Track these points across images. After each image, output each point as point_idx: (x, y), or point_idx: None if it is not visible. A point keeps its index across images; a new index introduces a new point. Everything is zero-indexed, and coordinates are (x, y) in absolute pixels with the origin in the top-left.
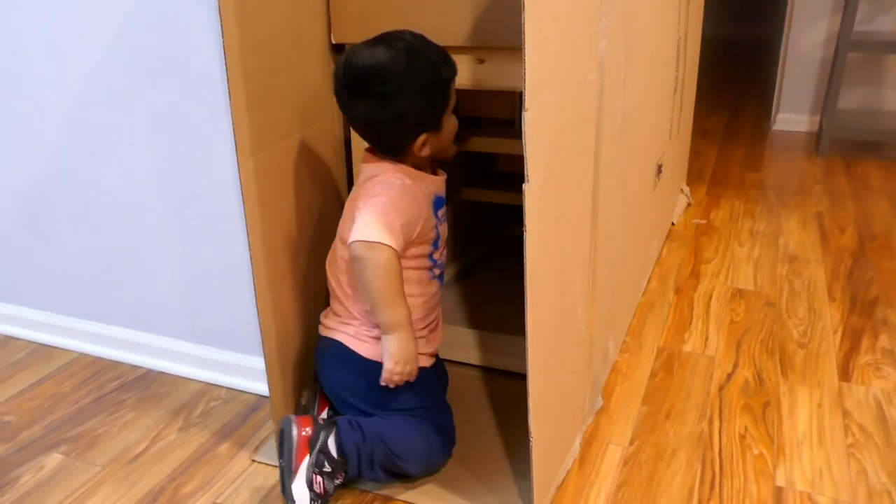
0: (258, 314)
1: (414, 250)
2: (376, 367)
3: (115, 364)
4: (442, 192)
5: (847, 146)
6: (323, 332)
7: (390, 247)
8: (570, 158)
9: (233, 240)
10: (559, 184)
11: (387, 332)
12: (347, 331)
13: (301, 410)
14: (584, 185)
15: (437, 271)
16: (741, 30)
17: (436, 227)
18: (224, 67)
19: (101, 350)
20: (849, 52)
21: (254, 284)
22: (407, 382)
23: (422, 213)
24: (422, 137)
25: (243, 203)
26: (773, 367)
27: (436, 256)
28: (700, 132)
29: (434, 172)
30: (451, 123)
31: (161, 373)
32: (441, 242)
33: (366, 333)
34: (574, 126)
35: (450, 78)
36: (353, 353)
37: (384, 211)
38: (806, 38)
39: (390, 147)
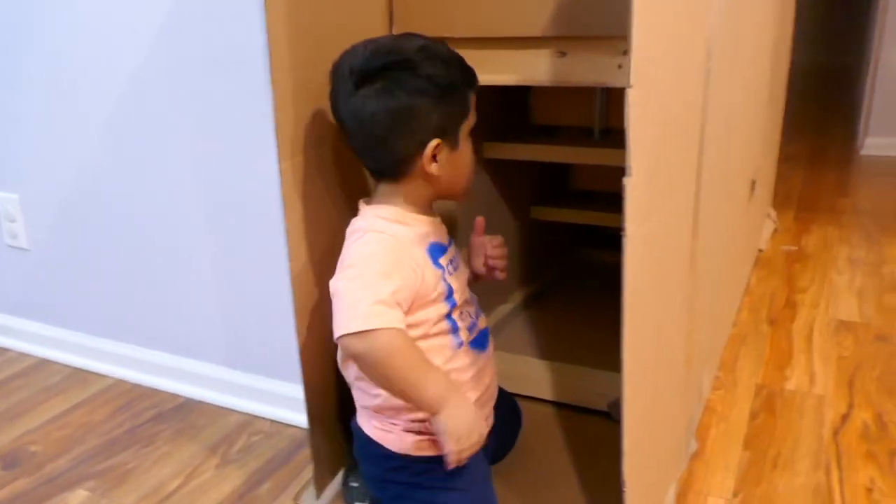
0: (297, 337)
1: (419, 315)
2: (407, 461)
3: (153, 392)
4: (442, 237)
5: None
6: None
7: (386, 328)
8: (675, 152)
9: (281, 256)
10: (663, 180)
11: (431, 412)
12: (368, 417)
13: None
14: (686, 186)
15: (465, 335)
16: (820, 58)
17: (443, 278)
18: (265, 56)
19: (138, 376)
20: None
21: (293, 305)
22: (431, 485)
23: (418, 266)
24: (433, 143)
25: (283, 212)
26: (895, 409)
27: (455, 316)
28: (782, 157)
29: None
30: (468, 149)
31: (200, 402)
32: (459, 297)
33: (390, 423)
34: (680, 114)
35: (470, 83)
36: (377, 443)
37: (365, 283)
38: None
39: (390, 158)
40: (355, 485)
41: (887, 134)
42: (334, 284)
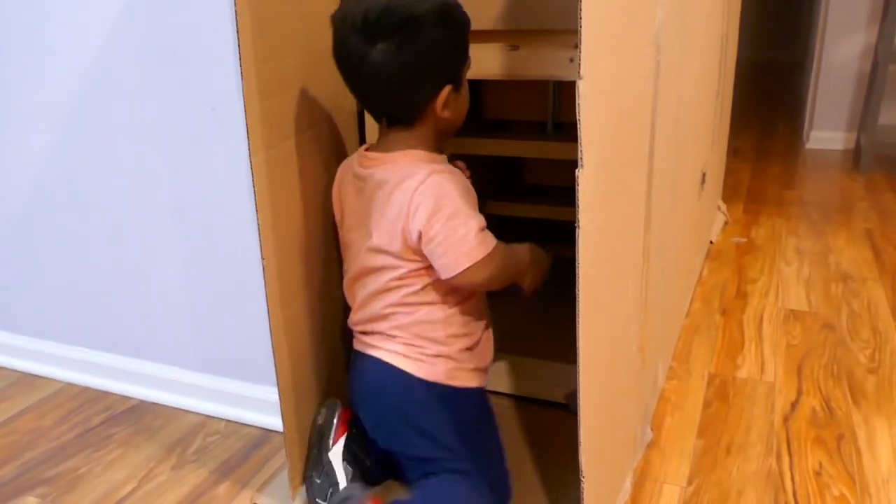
0: (271, 334)
1: None
2: (436, 391)
3: (104, 395)
4: None
5: (889, 162)
6: (361, 347)
7: (494, 247)
8: (626, 144)
9: (235, 252)
10: (616, 172)
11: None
12: (395, 347)
13: (316, 430)
14: (638, 178)
15: None
16: (764, 54)
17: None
18: (234, 50)
19: (88, 379)
20: (890, 63)
21: (266, 300)
22: (457, 419)
23: (471, 192)
24: (446, 90)
25: (255, 205)
26: (842, 395)
27: None
28: (730, 150)
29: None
30: (466, 89)
31: (154, 404)
32: None
33: (419, 351)
34: (631, 106)
35: (469, 28)
36: (405, 373)
37: (463, 218)
38: (840, 53)
39: (408, 107)
40: (318, 481)
41: (831, 128)
42: (431, 229)
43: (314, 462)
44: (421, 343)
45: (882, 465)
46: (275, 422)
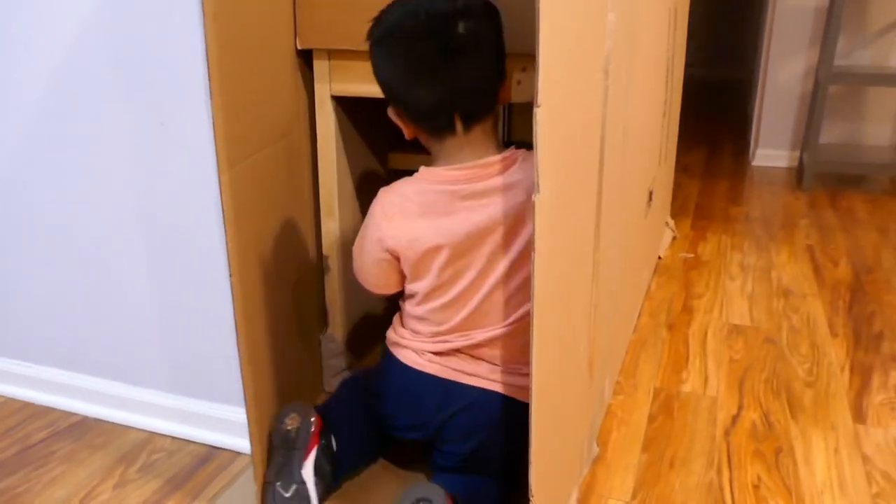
0: (239, 354)
1: None
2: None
3: (47, 410)
4: None
5: (830, 180)
6: (460, 378)
7: None
8: (578, 168)
9: (183, 268)
10: (569, 196)
11: None
12: (514, 381)
13: (283, 436)
14: (588, 200)
15: None
16: (712, 73)
17: None
18: (190, 64)
19: (30, 394)
20: (830, 84)
21: (234, 318)
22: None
23: None
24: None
25: (224, 221)
26: (780, 409)
27: None
28: (679, 167)
29: None
30: None
31: (98, 420)
32: None
33: (525, 376)
34: (582, 131)
35: None
36: (516, 401)
37: None
38: (784, 73)
39: (491, 92)
40: (286, 495)
41: (775, 146)
42: None
43: (279, 470)
44: (522, 367)
45: (817, 477)
46: (221, 438)
